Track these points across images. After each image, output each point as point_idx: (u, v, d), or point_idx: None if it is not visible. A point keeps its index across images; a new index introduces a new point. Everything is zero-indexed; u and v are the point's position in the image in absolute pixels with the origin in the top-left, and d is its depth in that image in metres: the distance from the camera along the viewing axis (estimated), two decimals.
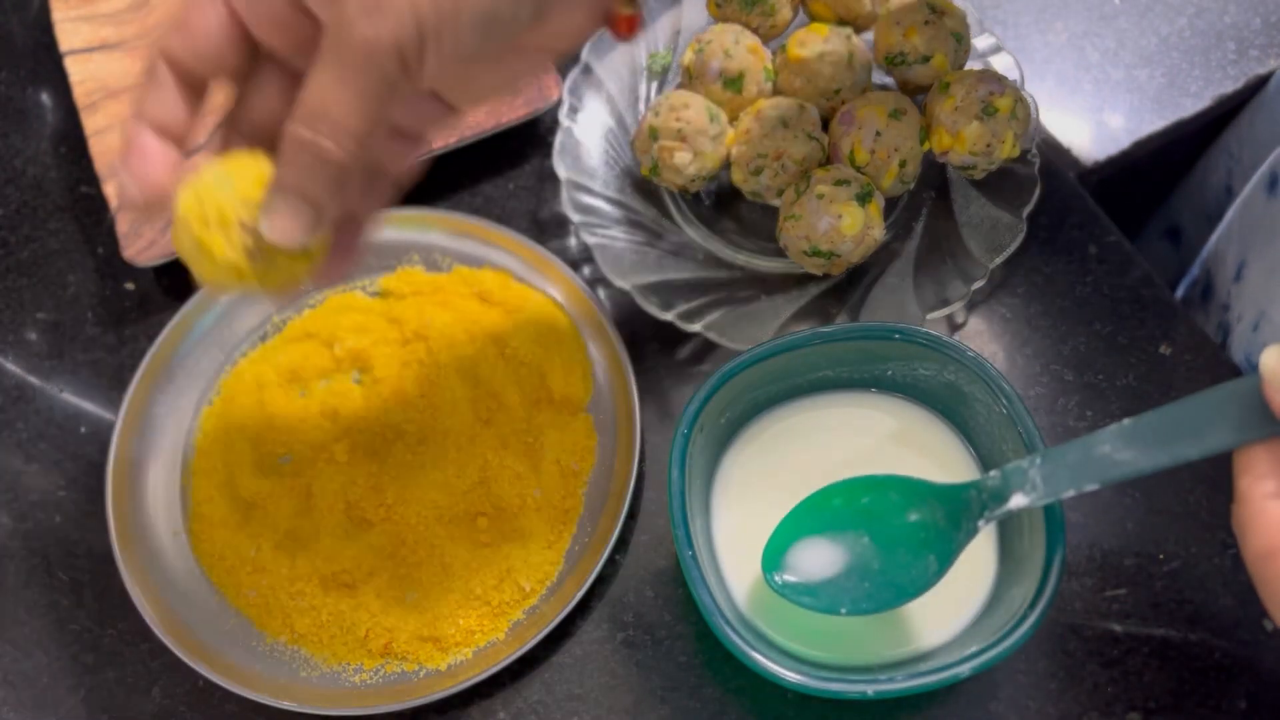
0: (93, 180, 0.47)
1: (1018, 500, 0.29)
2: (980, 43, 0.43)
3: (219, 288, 0.26)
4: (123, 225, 0.43)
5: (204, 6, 0.25)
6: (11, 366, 0.43)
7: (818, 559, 0.31)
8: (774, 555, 0.31)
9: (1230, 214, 0.43)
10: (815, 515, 0.32)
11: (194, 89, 0.26)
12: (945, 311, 0.38)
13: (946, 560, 0.30)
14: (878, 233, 0.38)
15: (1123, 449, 0.27)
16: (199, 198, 0.25)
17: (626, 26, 0.27)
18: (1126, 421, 0.27)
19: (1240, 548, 0.25)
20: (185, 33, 0.25)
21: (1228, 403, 0.25)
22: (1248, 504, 0.25)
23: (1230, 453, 0.26)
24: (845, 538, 0.31)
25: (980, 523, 0.29)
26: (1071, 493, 0.28)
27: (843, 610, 0.30)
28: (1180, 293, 0.46)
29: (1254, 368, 0.40)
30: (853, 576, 0.31)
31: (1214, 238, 0.44)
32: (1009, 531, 0.33)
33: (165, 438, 0.40)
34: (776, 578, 0.31)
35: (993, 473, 0.30)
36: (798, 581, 0.31)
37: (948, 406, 0.35)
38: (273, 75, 0.27)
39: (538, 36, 0.26)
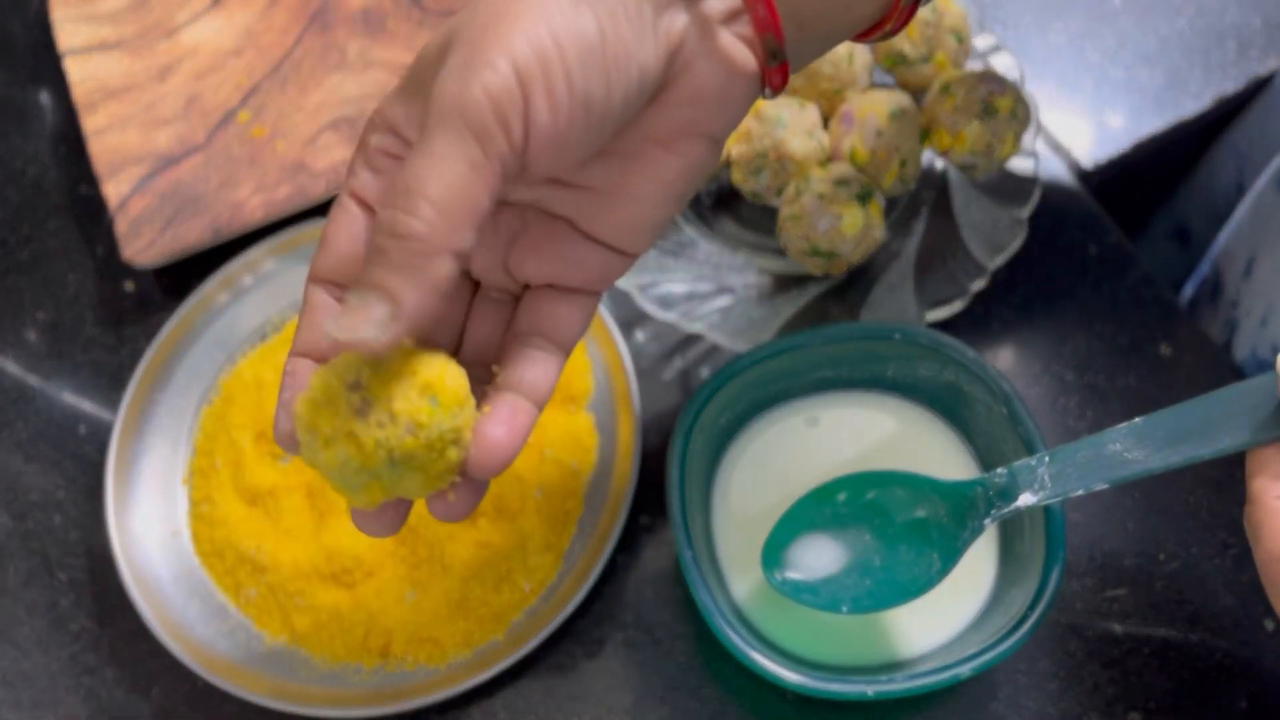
0: (92, 180, 0.47)
1: (1025, 499, 0.29)
2: (980, 42, 0.43)
3: (353, 493, 0.22)
4: (122, 225, 0.43)
5: (340, 216, 0.23)
6: (11, 366, 0.43)
7: (818, 555, 0.31)
8: (774, 551, 0.31)
9: (1240, 211, 0.43)
10: (817, 511, 0.31)
11: None
12: (946, 312, 0.38)
13: (950, 559, 0.30)
14: (878, 233, 0.38)
15: (1134, 448, 0.27)
16: (315, 396, 0.21)
17: (779, 79, 0.23)
18: (1138, 420, 0.27)
19: (1253, 549, 0.25)
20: (328, 249, 0.23)
21: (1241, 402, 0.25)
22: (1261, 506, 0.25)
23: (1241, 453, 0.26)
24: (847, 534, 0.31)
25: (986, 521, 0.29)
26: (1081, 491, 0.28)
27: (844, 608, 0.30)
28: (1189, 292, 0.46)
29: (1259, 363, 0.40)
30: (854, 574, 0.30)
31: (1223, 236, 0.44)
32: (1009, 532, 0.33)
33: (165, 438, 0.40)
34: (776, 575, 0.30)
35: (1000, 470, 0.29)
36: (798, 579, 0.30)
37: (948, 407, 0.35)
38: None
39: (676, 105, 0.22)
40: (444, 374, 0.22)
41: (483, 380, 0.24)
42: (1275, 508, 0.25)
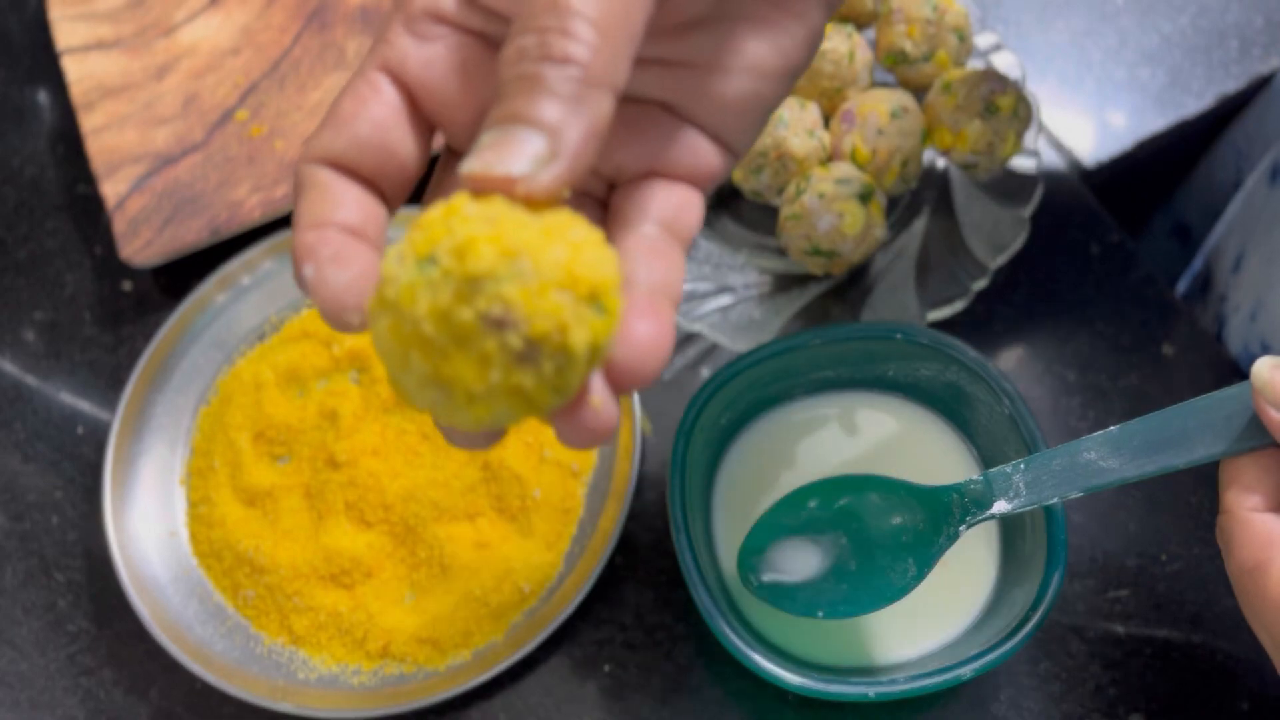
0: (90, 180, 0.47)
1: (1000, 506, 0.29)
2: (982, 41, 0.43)
3: (478, 424, 0.17)
4: (120, 225, 0.43)
5: (363, 91, 0.19)
6: (9, 367, 0.43)
7: (795, 561, 0.31)
8: (750, 556, 0.31)
9: (1232, 207, 0.43)
10: (793, 515, 0.31)
11: (368, 188, 0.19)
12: (947, 311, 0.38)
13: (926, 564, 0.30)
14: (879, 232, 0.38)
15: (1108, 456, 0.27)
16: (406, 292, 0.16)
17: None
18: (1113, 428, 0.27)
19: (1225, 561, 0.25)
20: (340, 126, 0.19)
21: (1216, 412, 0.25)
22: (1234, 517, 0.25)
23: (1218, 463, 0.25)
24: (823, 539, 0.31)
25: (962, 528, 0.29)
26: (1056, 500, 0.28)
27: (820, 613, 0.30)
28: (1182, 287, 0.46)
29: (1250, 358, 0.40)
30: (830, 579, 0.30)
31: (1216, 231, 0.44)
32: (1011, 532, 0.33)
33: (163, 438, 0.39)
34: (753, 579, 0.30)
35: (976, 477, 0.29)
36: (774, 583, 0.30)
37: (949, 407, 0.35)
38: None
39: None
40: (600, 260, 0.16)
41: None
42: (1248, 519, 0.24)
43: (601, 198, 0.21)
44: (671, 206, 0.20)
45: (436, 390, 0.16)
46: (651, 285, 0.19)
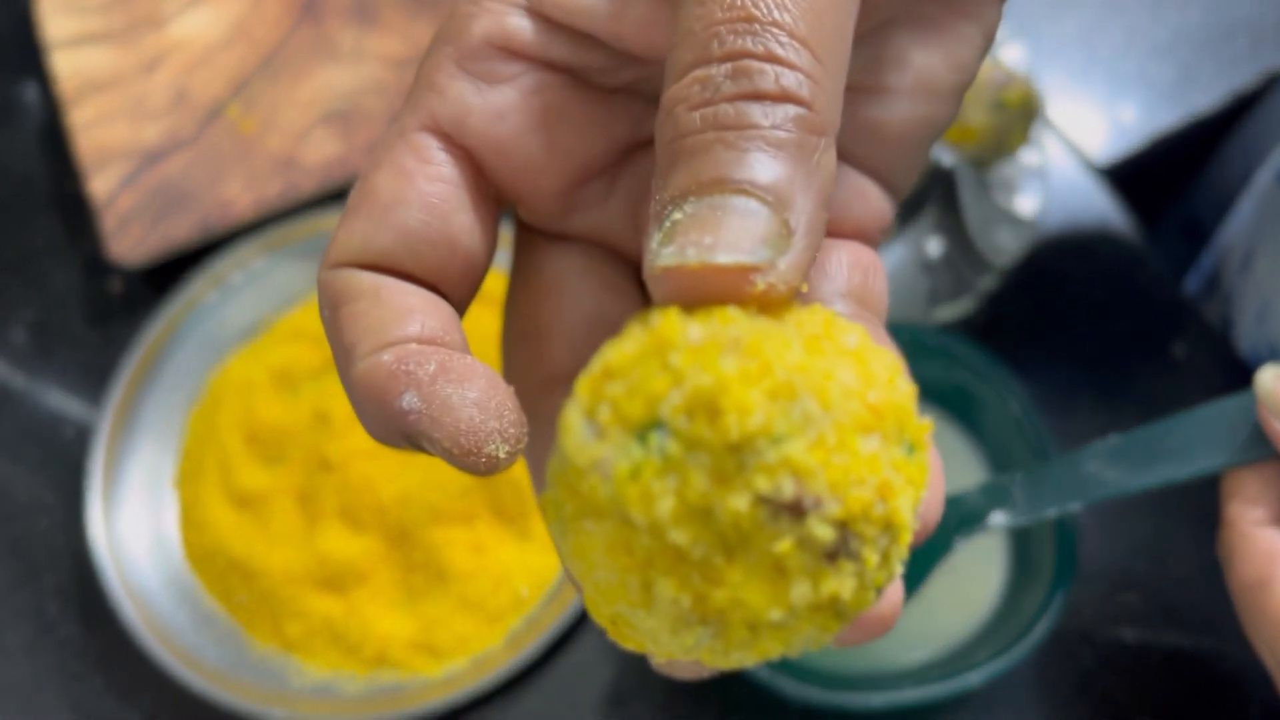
0: (78, 176, 0.46)
1: (997, 518, 0.28)
2: None
3: (763, 658, 0.11)
4: (109, 222, 0.42)
5: (407, 163, 0.14)
6: None
7: None
8: None
9: (1241, 205, 0.42)
10: None
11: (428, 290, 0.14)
12: (954, 311, 0.37)
13: (919, 578, 0.29)
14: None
15: (1108, 467, 0.26)
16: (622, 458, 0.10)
17: None
18: (1113, 438, 0.26)
19: (1225, 576, 0.24)
20: (382, 216, 0.14)
21: (1219, 422, 0.24)
22: (1235, 530, 0.24)
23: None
24: None
25: (957, 540, 0.29)
26: (1054, 512, 0.27)
27: None
28: (1191, 286, 0.45)
29: (1258, 360, 0.39)
30: None
31: (1224, 229, 0.43)
32: (1020, 538, 0.32)
33: (153, 440, 0.39)
34: None
35: (973, 489, 0.29)
36: None
37: (957, 408, 0.34)
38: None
39: None
40: (893, 370, 0.11)
41: None
42: (1251, 534, 0.24)
43: None
44: (858, 271, 0.15)
45: (702, 628, 0.11)
46: None
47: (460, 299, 0.15)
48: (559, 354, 0.15)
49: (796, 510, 0.10)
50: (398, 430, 0.13)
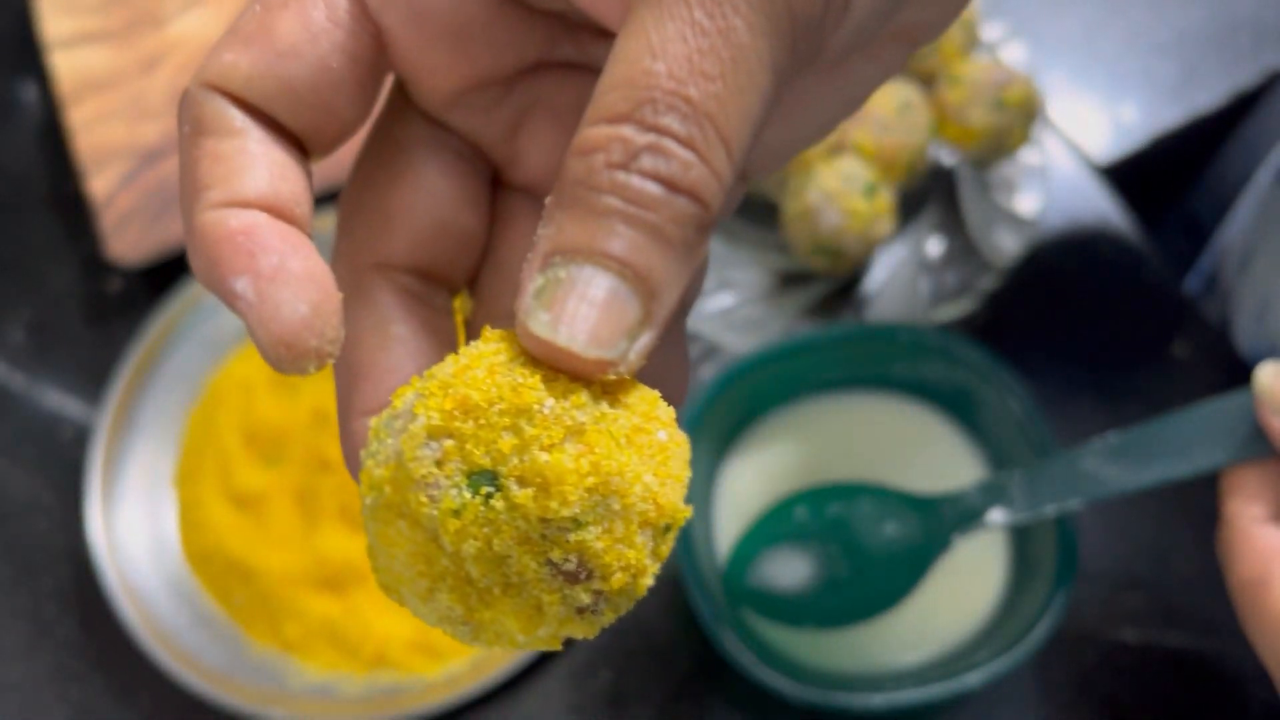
0: (76, 176, 0.46)
1: (996, 516, 0.28)
2: (990, 33, 0.42)
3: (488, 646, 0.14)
4: (108, 222, 0.42)
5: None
6: None
7: (785, 571, 0.30)
8: (738, 567, 0.30)
9: (1241, 204, 0.42)
10: (781, 525, 0.31)
11: (290, 144, 0.14)
12: (954, 310, 0.37)
13: (918, 574, 0.29)
14: (884, 229, 0.37)
15: (1107, 465, 0.26)
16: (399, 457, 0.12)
17: None
18: (1112, 436, 0.26)
19: (1225, 574, 0.24)
20: (263, 46, 0.14)
21: (1218, 420, 0.24)
22: (1234, 528, 0.24)
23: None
24: (813, 549, 0.30)
25: (955, 537, 0.29)
26: (1053, 510, 0.27)
27: (810, 624, 0.29)
28: (1191, 285, 0.45)
29: (1257, 358, 0.39)
30: (821, 590, 0.30)
31: (1223, 229, 0.43)
32: (1021, 537, 0.32)
33: (151, 440, 0.39)
34: (740, 592, 0.30)
35: (971, 486, 0.29)
36: (762, 595, 0.30)
37: (958, 407, 0.34)
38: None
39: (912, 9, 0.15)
40: (680, 476, 0.13)
41: None
42: (1250, 531, 0.24)
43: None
44: None
45: (462, 627, 0.13)
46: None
47: (316, 153, 0.15)
48: (398, 246, 0.15)
49: (573, 578, 0.12)
50: (219, 294, 0.13)
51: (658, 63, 0.12)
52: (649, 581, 0.13)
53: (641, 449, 0.13)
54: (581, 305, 0.12)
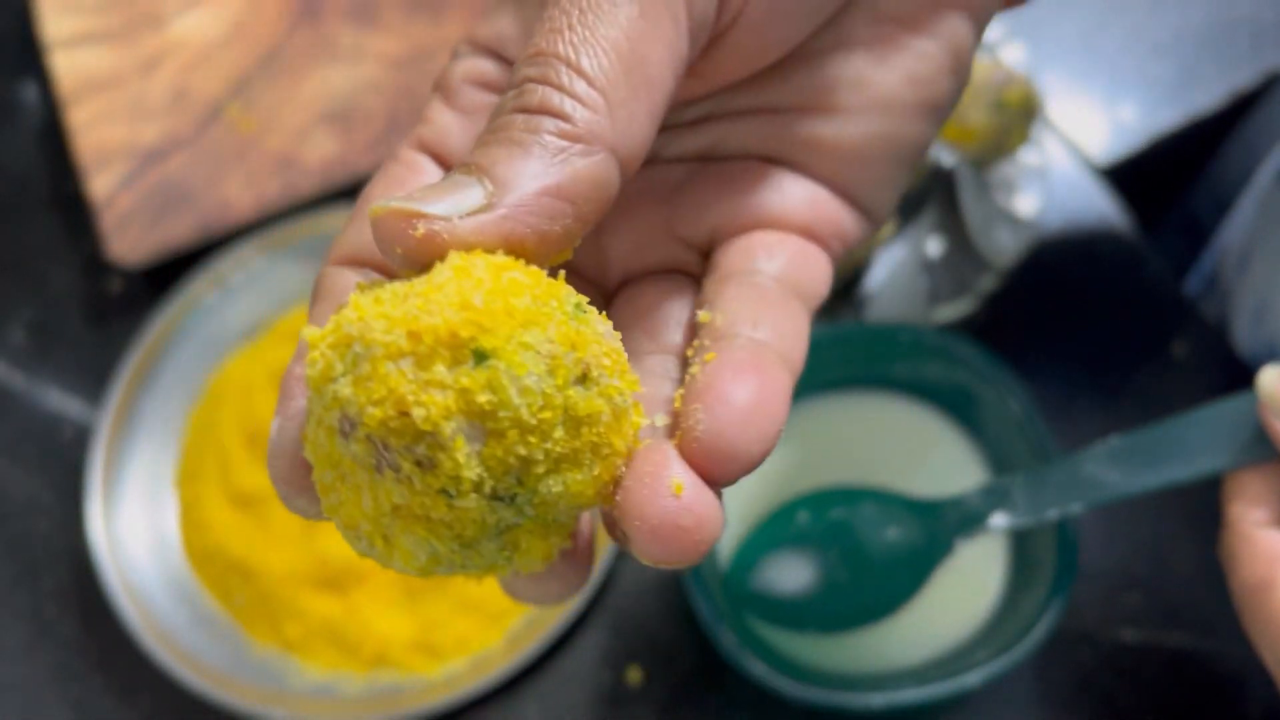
0: (77, 176, 0.46)
1: (998, 520, 0.28)
2: (990, 34, 0.42)
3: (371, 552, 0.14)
4: (108, 222, 0.42)
5: (399, 174, 0.16)
6: None
7: (786, 575, 0.30)
8: (740, 572, 0.30)
9: (1241, 204, 0.42)
10: (783, 529, 0.31)
11: None
12: (954, 311, 0.37)
13: (920, 579, 0.29)
14: (885, 229, 0.37)
15: (1110, 469, 0.26)
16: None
17: None
18: (1114, 440, 0.26)
19: (1227, 578, 0.24)
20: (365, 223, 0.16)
21: (1220, 423, 0.24)
22: (1236, 532, 0.24)
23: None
24: (815, 553, 0.30)
25: (957, 541, 0.29)
26: (1055, 514, 0.27)
27: (811, 629, 0.29)
28: (1191, 285, 0.45)
29: (1256, 359, 0.39)
30: (822, 594, 0.30)
31: (1224, 229, 0.43)
32: (1021, 538, 0.32)
33: (151, 440, 0.39)
34: (742, 595, 0.30)
35: (973, 490, 0.29)
36: (764, 599, 0.30)
37: (957, 408, 0.34)
38: None
39: None
40: (586, 326, 0.13)
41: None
42: (1253, 535, 0.24)
43: (696, 273, 0.17)
44: (787, 255, 0.16)
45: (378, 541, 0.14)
46: (758, 340, 0.14)
47: None
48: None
49: (349, 432, 0.13)
50: None
51: (534, 38, 0.14)
52: (459, 410, 0.12)
53: (418, 294, 0.12)
54: (427, 188, 0.14)
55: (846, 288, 0.39)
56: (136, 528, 0.37)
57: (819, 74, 0.16)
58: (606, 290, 0.18)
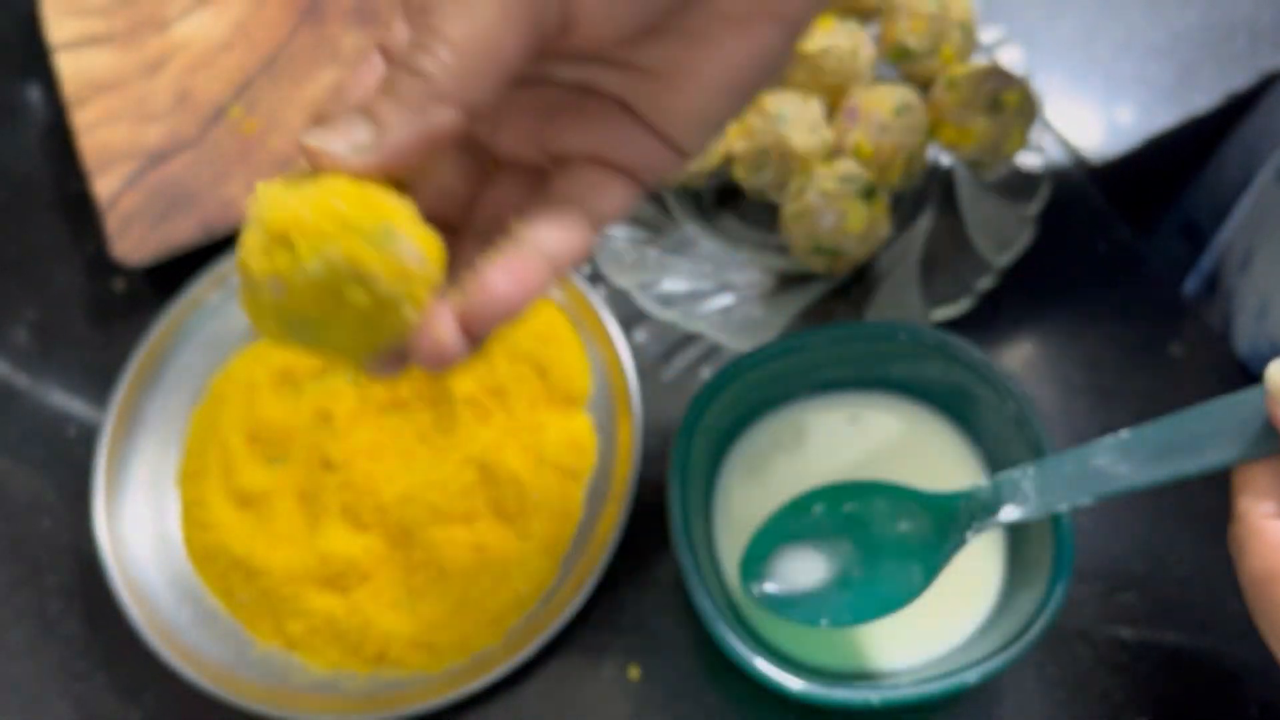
0: (81, 177, 0.46)
1: (1009, 513, 0.28)
2: (987, 36, 0.42)
3: (271, 337, 0.21)
4: (112, 223, 0.42)
5: (361, 69, 0.22)
6: None
7: (798, 568, 0.30)
8: (752, 564, 0.30)
9: (1241, 204, 0.43)
10: (796, 522, 0.31)
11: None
12: (952, 311, 0.37)
13: (932, 572, 0.29)
14: (883, 230, 0.37)
15: (1119, 462, 0.26)
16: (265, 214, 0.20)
17: None
18: (1124, 433, 0.26)
19: (1237, 569, 0.24)
20: (337, 100, 0.22)
21: (1229, 417, 0.25)
22: (1245, 524, 0.24)
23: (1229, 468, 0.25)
24: (827, 546, 0.30)
25: (969, 534, 0.29)
26: (1065, 507, 0.27)
27: (824, 622, 0.29)
28: (1190, 286, 0.45)
29: (1258, 358, 0.39)
30: (834, 587, 0.30)
31: (1224, 229, 0.44)
32: (1017, 537, 0.32)
33: (155, 439, 0.39)
34: (754, 587, 0.30)
35: (984, 483, 0.29)
36: (777, 592, 0.30)
37: (955, 407, 0.34)
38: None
39: None
40: (404, 217, 0.20)
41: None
42: (1261, 526, 0.24)
43: (544, 170, 0.23)
44: (596, 187, 0.22)
45: (262, 313, 0.20)
46: (534, 245, 0.21)
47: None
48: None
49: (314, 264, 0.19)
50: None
51: (426, 19, 0.19)
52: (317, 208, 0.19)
53: (360, 219, 0.19)
54: (334, 128, 0.19)
55: (845, 288, 0.39)
56: (140, 526, 0.38)
57: (676, 45, 0.21)
58: (496, 160, 0.24)
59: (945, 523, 0.29)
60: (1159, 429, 0.26)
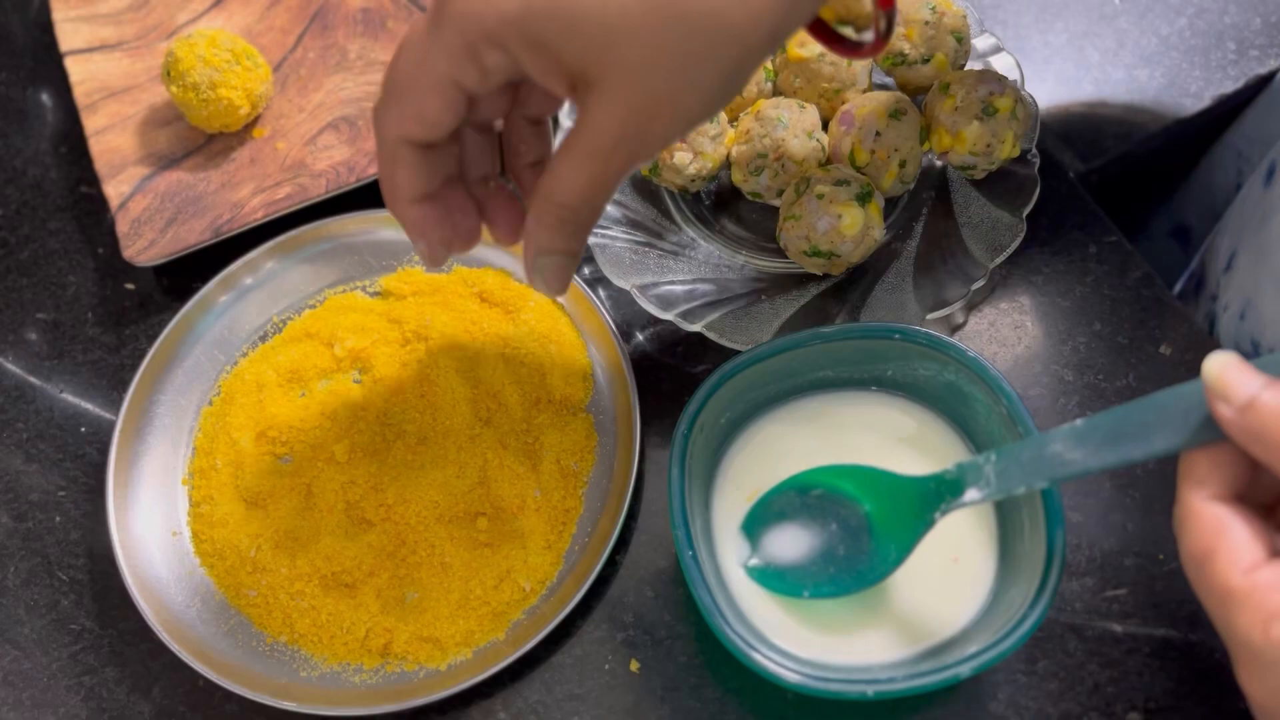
0: (93, 180, 0.47)
1: (972, 495, 0.29)
2: (980, 43, 0.43)
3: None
4: (123, 225, 0.43)
5: (433, 96, 0.27)
6: (11, 366, 0.43)
7: (787, 544, 0.32)
8: (746, 536, 0.33)
9: (1231, 208, 0.43)
10: (786, 501, 0.33)
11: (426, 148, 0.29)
12: (945, 311, 0.38)
13: (905, 549, 0.31)
14: (877, 233, 0.38)
15: (1073, 448, 0.27)
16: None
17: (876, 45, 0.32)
18: (1079, 422, 0.27)
19: (1179, 550, 0.25)
20: (421, 120, 0.28)
21: (1175, 407, 0.26)
22: (1185, 506, 0.25)
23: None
24: (813, 524, 0.32)
25: (937, 514, 0.30)
26: (1023, 490, 0.28)
27: (805, 593, 0.32)
28: (1179, 287, 0.46)
29: (1243, 356, 0.40)
30: (818, 562, 0.32)
31: (1213, 232, 0.44)
32: (1009, 531, 0.33)
33: (165, 438, 0.40)
34: (748, 561, 0.32)
35: (950, 467, 0.30)
36: (765, 566, 0.32)
37: (948, 406, 0.35)
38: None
39: None
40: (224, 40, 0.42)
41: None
42: (1198, 509, 0.25)
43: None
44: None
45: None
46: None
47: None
48: (422, 135, 0.29)
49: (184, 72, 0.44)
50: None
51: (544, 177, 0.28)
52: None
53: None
54: (542, 274, 0.29)
55: (842, 289, 0.40)
56: (150, 523, 0.38)
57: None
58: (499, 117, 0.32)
59: (918, 504, 0.31)
60: (1110, 418, 0.27)
